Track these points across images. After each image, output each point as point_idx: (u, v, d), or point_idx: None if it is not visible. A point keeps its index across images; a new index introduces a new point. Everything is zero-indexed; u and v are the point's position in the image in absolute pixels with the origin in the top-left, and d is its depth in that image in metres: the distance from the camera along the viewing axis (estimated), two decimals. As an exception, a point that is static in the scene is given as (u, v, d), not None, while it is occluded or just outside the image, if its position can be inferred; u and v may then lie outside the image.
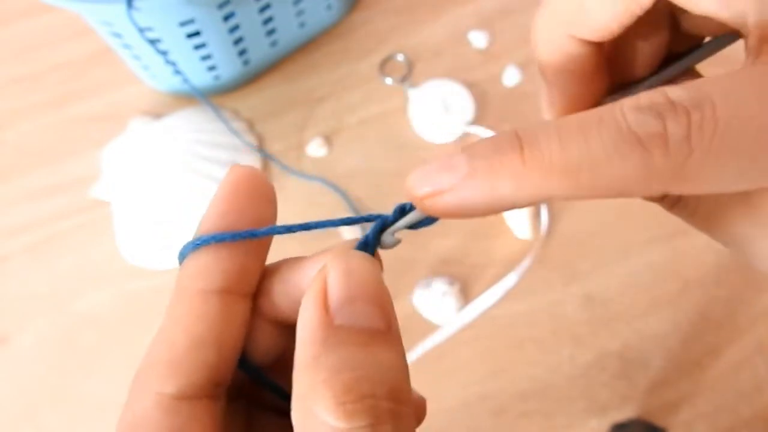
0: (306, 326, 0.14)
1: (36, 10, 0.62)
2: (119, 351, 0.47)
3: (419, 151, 0.54)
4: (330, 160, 0.54)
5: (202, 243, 0.17)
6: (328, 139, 0.55)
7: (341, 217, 0.18)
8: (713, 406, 0.44)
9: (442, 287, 0.47)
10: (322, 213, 0.51)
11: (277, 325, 0.18)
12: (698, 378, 0.45)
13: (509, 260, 0.49)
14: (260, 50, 0.55)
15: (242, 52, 0.54)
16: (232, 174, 0.17)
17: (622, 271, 0.48)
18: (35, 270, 0.51)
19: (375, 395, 0.13)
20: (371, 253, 0.17)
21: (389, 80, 0.57)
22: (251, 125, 0.56)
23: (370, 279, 0.15)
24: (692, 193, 0.14)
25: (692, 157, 0.13)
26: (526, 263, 0.48)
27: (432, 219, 0.17)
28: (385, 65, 0.58)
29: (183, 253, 0.17)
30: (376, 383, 0.13)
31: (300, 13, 0.55)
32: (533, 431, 0.44)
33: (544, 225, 0.50)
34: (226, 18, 0.49)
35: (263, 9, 0.51)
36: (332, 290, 0.14)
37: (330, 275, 0.15)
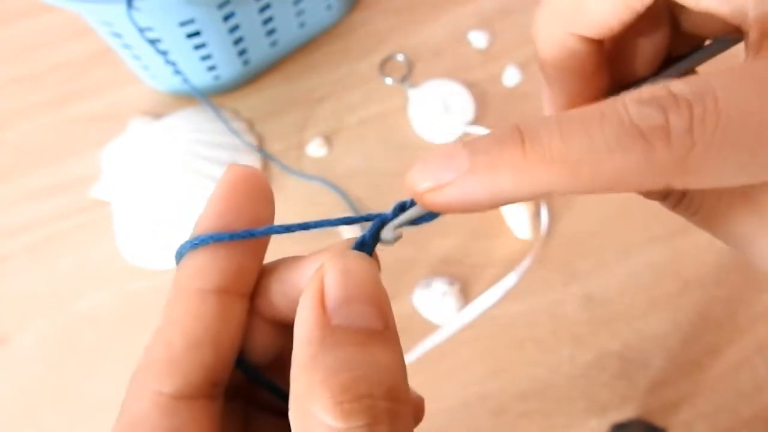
0: (303, 326, 0.14)
1: (36, 10, 0.62)
2: (119, 351, 0.47)
3: (419, 151, 0.54)
4: (330, 160, 0.54)
5: (200, 243, 0.16)
6: (328, 139, 0.55)
7: (340, 217, 0.18)
8: (713, 406, 0.44)
9: (442, 287, 0.47)
10: (322, 213, 0.51)
11: (275, 324, 0.18)
12: (698, 378, 0.45)
13: (509, 260, 0.49)
14: (260, 50, 0.55)
15: (242, 52, 0.54)
16: (229, 173, 0.17)
17: (622, 271, 0.48)
18: (35, 270, 0.51)
19: (372, 395, 0.13)
20: (369, 253, 0.17)
21: (389, 80, 0.57)
22: (251, 125, 0.56)
23: (368, 279, 0.15)
24: (694, 187, 0.14)
25: (694, 149, 0.13)
26: (526, 263, 0.48)
27: (433, 214, 0.17)
28: (385, 65, 0.58)
29: (180, 253, 0.17)
30: (374, 383, 0.13)
31: (300, 13, 0.55)
32: (533, 431, 0.44)
33: (544, 225, 0.50)
34: (226, 18, 0.49)
35: (263, 9, 0.51)
36: (329, 290, 0.14)
37: (327, 275, 0.15)
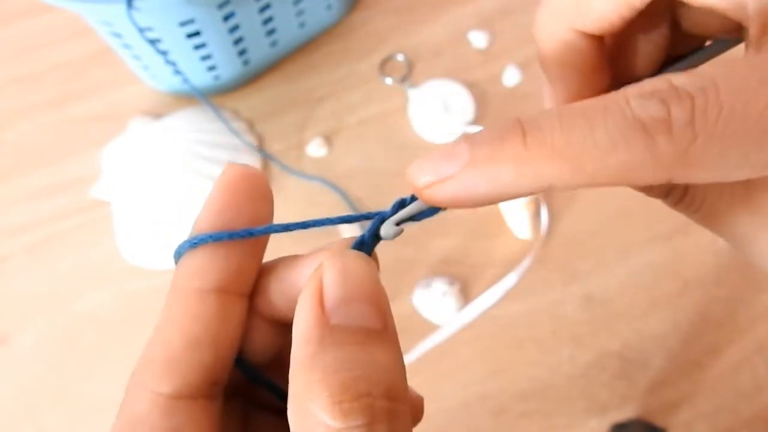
0: (302, 326, 0.14)
1: (36, 10, 0.62)
2: (119, 351, 0.47)
3: (419, 151, 0.54)
4: (330, 160, 0.54)
5: (199, 242, 0.16)
6: (328, 139, 0.55)
7: (339, 216, 0.18)
8: (713, 406, 0.44)
9: (442, 287, 0.47)
10: (322, 213, 0.51)
11: (274, 323, 0.18)
12: (698, 378, 0.45)
13: (509, 260, 0.49)
14: (260, 50, 0.55)
15: (242, 52, 0.54)
16: (228, 172, 0.17)
17: (622, 271, 0.48)
18: (35, 270, 0.51)
19: (371, 394, 0.13)
20: (368, 252, 0.17)
21: (389, 80, 0.57)
22: (251, 125, 0.56)
23: (367, 278, 0.15)
24: (697, 180, 0.13)
25: (696, 142, 0.13)
26: (526, 263, 0.48)
27: (434, 210, 0.16)
28: (385, 65, 0.58)
29: (179, 252, 0.17)
30: (373, 382, 0.13)
31: (300, 13, 0.55)
32: (533, 431, 0.44)
33: (544, 225, 0.50)
34: (226, 18, 0.49)
35: (263, 9, 0.51)
36: (328, 290, 0.14)
37: (326, 275, 0.15)
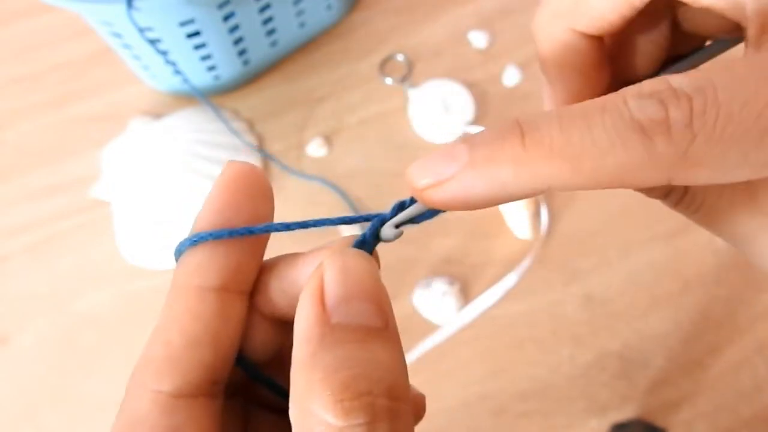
0: (303, 324, 0.14)
1: (36, 10, 0.62)
2: (119, 351, 0.47)
3: (419, 151, 0.54)
4: (330, 160, 0.54)
5: (199, 240, 0.16)
6: (328, 139, 0.55)
7: (339, 216, 0.18)
8: (713, 406, 0.44)
9: (442, 287, 0.47)
10: (322, 213, 0.51)
11: (274, 321, 0.18)
12: (698, 378, 0.45)
13: (509, 260, 0.49)
14: (260, 50, 0.55)
15: (242, 52, 0.54)
16: (228, 170, 0.17)
17: (623, 271, 0.48)
18: (35, 270, 0.51)
19: (372, 393, 0.13)
20: (369, 251, 0.17)
21: (389, 80, 0.57)
22: (251, 125, 0.56)
23: (367, 277, 0.15)
24: (695, 182, 0.13)
25: (695, 143, 0.13)
26: (526, 263, 0.48)
27: (433, 212, 0.16)
28: (385, 65, 0.58)
29: (179, 250, 0.17)
30: (374, 381, 0.13)
31: (300, 13, 0.55)
32: (533, 431, 0.44)
33: (544, 225, 0.50)
34: (226, 18, 0.49)
35: (263, 9, 0.51)
36: (329, 288, 0.14)
37: (327, 273, 0.15)
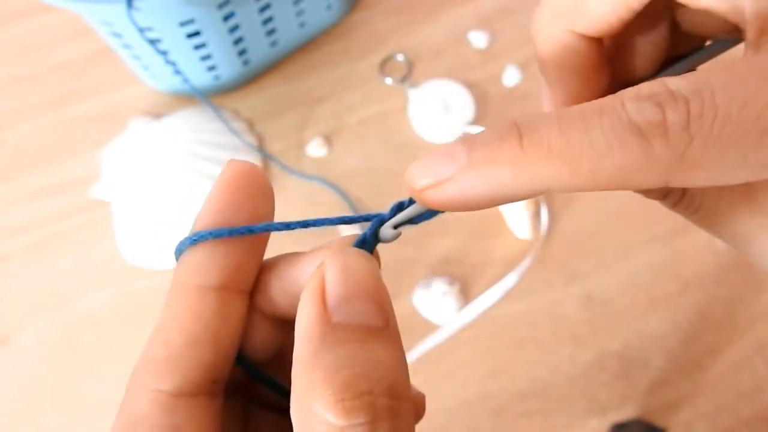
0: (304, 323, 0.14)
1: (36, 10, 0.62)
2: (119, 351, 0.47)
3: (419, 151, 0.54)
4: (330, 160, 0.54)
5: (199, 239, 0.16)
6: (328, 139, 0.55)
7: (338, 216, 0.18)
8: (713, 406, 0.44)
9: (442, 287, 0.47)
10: (322, 213, 0.51)
11: (275, 320, 0.18)
12: (698, 378, 0.45)
13: (509, 260, 0.49)
14: (260, 50, 0.55)
15: (242, 52, 0.54)
16: (228, 169, 0.17)
17: (622, 271, 0.48)
18: (35, 270, 0.51)
19: (373, 392, 0.13)
20: (369, 251, 0.17)
21: (389, 80, 0.57)
22: (251, 125, 0.56)
23: (368, 276, 0.15)
24: (693, 184, 0.13)
25: (692, 145, 0.13)
26: (526, 263, 0.48)
27: (432, 212, 0.16)
28: (385, 65, 0.58)
29: (180, 249, 0.17)
30: (375, 380, 0.13)
31: (300, 13, 0.55)
32: (533, 431, 0.44)
33: (544, 225, 0.50)
34: (226, 18, 0.49)
35: (263, 9, 0.51)
36: (330, 288, 0.14)
37: (328, 272, 0.15)
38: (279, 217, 0.17)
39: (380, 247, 0.18)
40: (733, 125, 0.13)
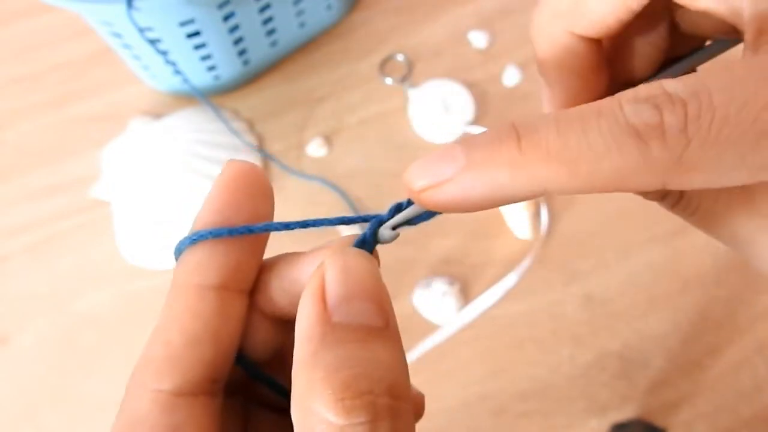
0: (304, 323, 0.14)
1: (36, 10, 0.62)
2: (119, 351, 0.47)
3: (419, 151, 0.54)
4: (330, 160, 0.54)
5: (199, 238, 0.16)
6: (328, 139, 0.55)
7: (339, 216, 0.18)
8: (713, 406, 0.44)
9: (442, 287, 0.47)
10: (322, 213, 0.51)
11: (274, 320, 0.18)
12: (698, 378, 0.45)
13: (509, 260, 0.49)
14: (260, 50, 0.55)
15: (242, 52, 0.54)
16: (228, 169, 0.17)
17: (622, 271, 0.48)
18: (35, 270, 0.51)
19: (373, 392, 0.13)
20: (369, 251, 0.17)
21: (389, 80, 0.57)
22: (251, 125, 0.56)
23: (368, 276, 0.15)
24: (691, 186, 0.13)
25: (690, 147, 0.13)
26: (526, 263, 0.48)
27: (431, 214, 0.16)
28: (385, 65, 0.58)
29: (179, 249, 0.17)
30: (375, 380, 0.13)
31: (300, 13, 0.55)
32: (533, 431, 0.44)
33: (544, 225, 0.50)
34: (226, 18, 0.49)
35: (263, 9, 0.51)
36: (330, 287, 0.14)
37: (328, 272, 0.15)
38: (279, 217, 0.17)
39: (380, 248, 0.18)
40: (731, 127, 0.13)
